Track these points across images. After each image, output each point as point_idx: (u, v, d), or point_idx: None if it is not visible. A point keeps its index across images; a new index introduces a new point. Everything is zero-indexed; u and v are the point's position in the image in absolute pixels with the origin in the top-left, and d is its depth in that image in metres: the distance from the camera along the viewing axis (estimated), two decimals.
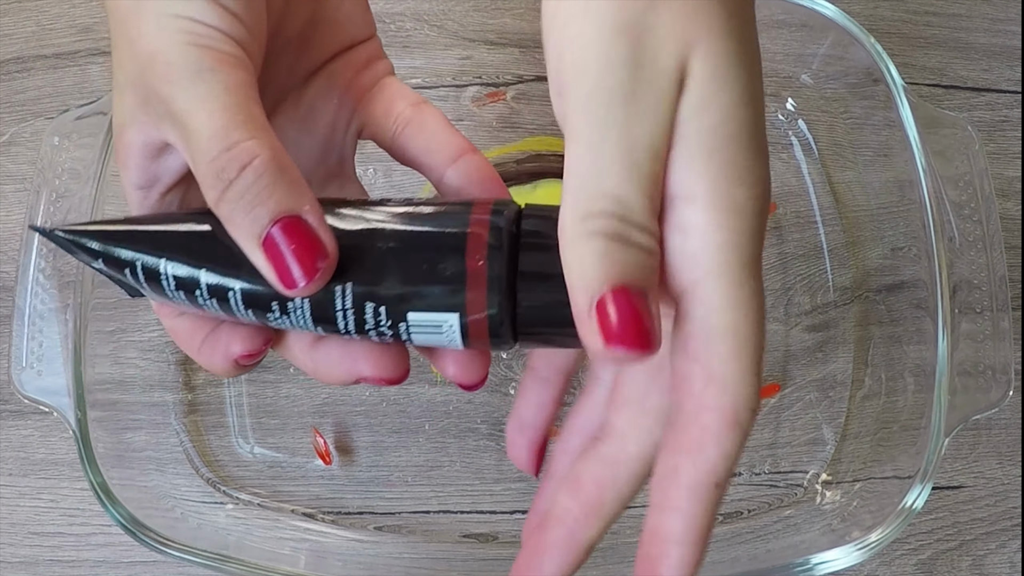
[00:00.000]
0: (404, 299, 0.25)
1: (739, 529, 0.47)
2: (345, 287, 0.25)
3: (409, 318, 0.25)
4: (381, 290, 0.25)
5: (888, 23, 0.54)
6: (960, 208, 0.45)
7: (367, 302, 0.25)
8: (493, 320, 0.25)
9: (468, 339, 0.25)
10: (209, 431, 0.49)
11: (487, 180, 0.29)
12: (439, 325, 0.25)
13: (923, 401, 0.44)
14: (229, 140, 0.23)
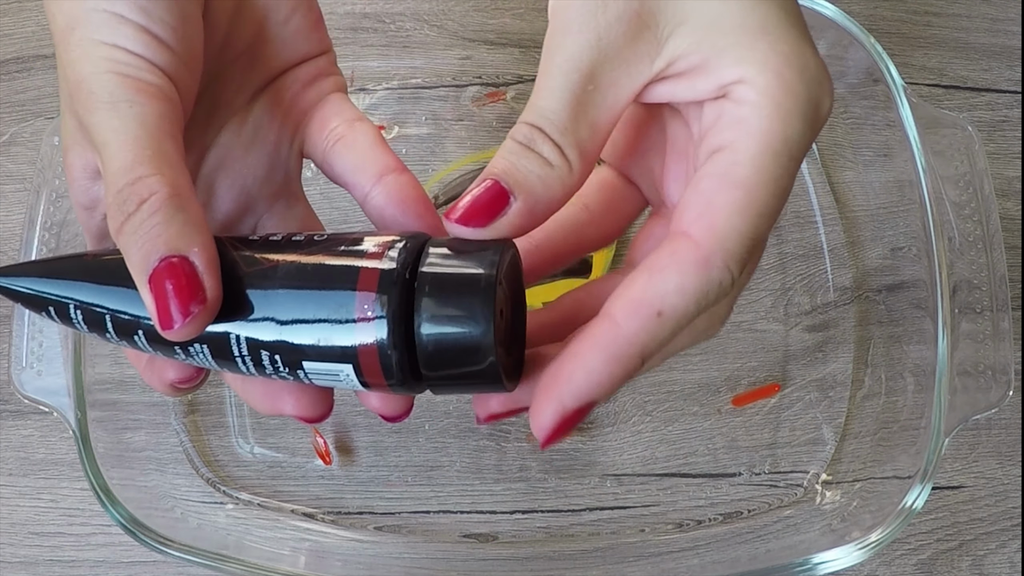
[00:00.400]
0: (297, 349, 0.25)
1: (739, 529, 0.47)
2: (239, 336, 0.25)
3: (305, 366, 0.25)
4: (273, 339, 0.25)
5: (888, 23, 0.54)
6: (960, 208, 0.45)
7: (262, 351, 0.25)
8: (389, 371, 0.24)
9: (369, 387, 0.25)
10: (209, 431, 0.49)
11: (411, 200, 0.29)
12: (336, 374, 0.25)
13: (923, 401, 0.44)
14: (133, 174, 0.23)
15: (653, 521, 0.48)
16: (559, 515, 0.48)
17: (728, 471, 0.48)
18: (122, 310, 0.26)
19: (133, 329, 0.26)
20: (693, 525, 0.48)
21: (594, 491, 0.48)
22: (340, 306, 0.24)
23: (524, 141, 0.25)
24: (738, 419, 0.49)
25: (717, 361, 0.49)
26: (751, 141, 0.23)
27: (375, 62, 0.52)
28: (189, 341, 0.25)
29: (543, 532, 0.48)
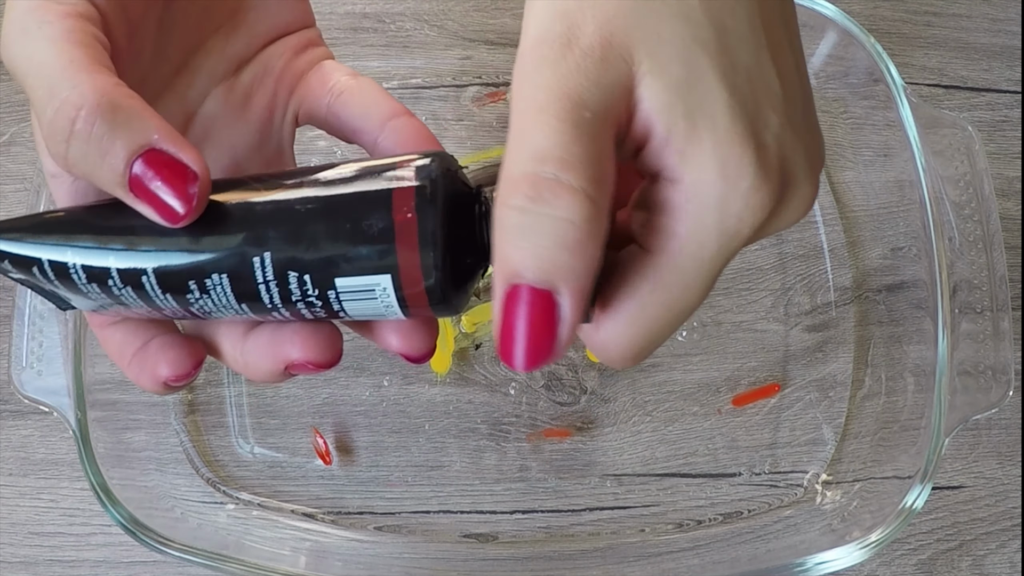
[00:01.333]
0: (329, 263, 0.22)
1: (739, 529, 0.47)
2: (264, 256, 0.23)
3: (338, 284, 0.23)
4: (303, 255, 0.23)
5: (888, 23, 0.54)
6: (960, 208, 0.45)
7: (289, 271, 0.23)
8: (429, 278, 0.22)
9: (406, 303, 0.23)
10: (209, 431, 0.49)
11: (423, 141, 0.28)
12: (371, 289, 0.23)
13: (923, 401, 0.44)
14: (55, 99, 0.22)
15: (653, 521, 0.48)
16: (559, 515, 0.48)
17: (728, 471, 0.48)
18: (127, 257, 0.23)
19: (138, 277, 0.24)
20: (693, 525, 0.48)
21: (594, 491, 0.48)
22: (376, 210, 0.22)
23: (531, 203, 0.19)
24: (738, 419, 0.49)
25: (717, 361, 0.49)
26: (665, 258, 0.21)
27: (375, 62, 0.52)
28: (206, 272, 0.23)
29: (543, 532, 0.48)
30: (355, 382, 0.49)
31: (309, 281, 0.23)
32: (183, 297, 0.24)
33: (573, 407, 0.49)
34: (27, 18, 0.23)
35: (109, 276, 0.24)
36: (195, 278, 0.23)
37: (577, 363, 0.49)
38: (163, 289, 0.24)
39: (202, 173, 0.23)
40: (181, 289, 0.24)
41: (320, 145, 0.51)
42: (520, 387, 0.49)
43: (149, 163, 0.22)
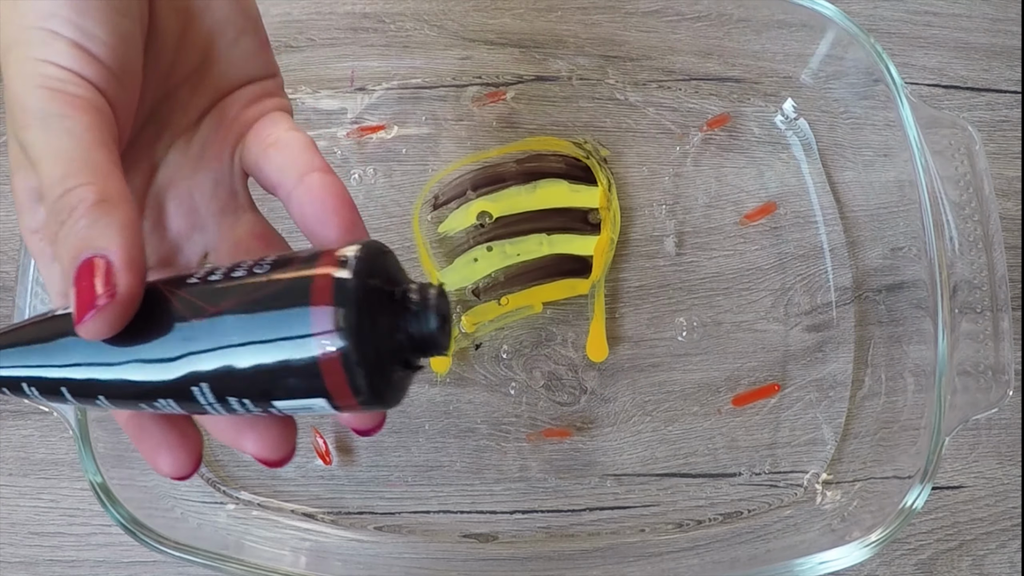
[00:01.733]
0: (265, 393, 0.24)
1: (739, 529, 0.47)
2: (202, 386, 0.24)
3: (277, 405, 0.25)
4: (239, 386, 0.24)
5: (888, 23, 0.54)
6: (960, 208, 0.45)
7: (228, 396, 0.24)
8: (361, 395, 0.24)
9: (344, 409, 0.25)
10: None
11: (333, 199, 0.29)
12: (310, 407, 0.24)
13: (923, 401, 0.44)
14: (63, 186, 0.24)
15: (653, 521, 0.48)
16: (559, 515, 0.48)
17: (728, 471, 0.48)
18: (76, 370, 0.25)
19: (91, 395, 0.25)
20: (693, 525, 0.48)
21: (594, 491, 0.48)
22: (298, 341, 0.23)
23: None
24: (738, 419, 0.49)
25: (717, 361, 0.49)
26: None
27: (375, 62, 0.52)
28: (153, 396, 0.25)
29: (543, 532, 0.48)
30: None
31: (250, 403, 0.25)
32: (138, 408, 0.26)
33: (573, 407, 0.49)
34: (48, 107, 0.24)
35: (60, 393, 0.26)
36: (144, 398, 0.25)
37: (577, 363, 0.49)
38: (114, 403, 0.26)
39: (123, 297, 0.23)
40: (132, 404, 0.26)
41: (368, 150, 0.51)
42: (520, 387, 0.49)
43: (90, 265, 0.24)
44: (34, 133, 0.24)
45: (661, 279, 0.50)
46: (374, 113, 0.52)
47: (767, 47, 0.50)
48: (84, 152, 0.24)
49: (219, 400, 0.25)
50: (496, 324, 0.49)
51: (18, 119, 0.25)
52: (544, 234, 0.50)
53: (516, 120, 0.52)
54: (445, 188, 0.51)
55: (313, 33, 0.51)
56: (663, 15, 0.51)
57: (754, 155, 0.52)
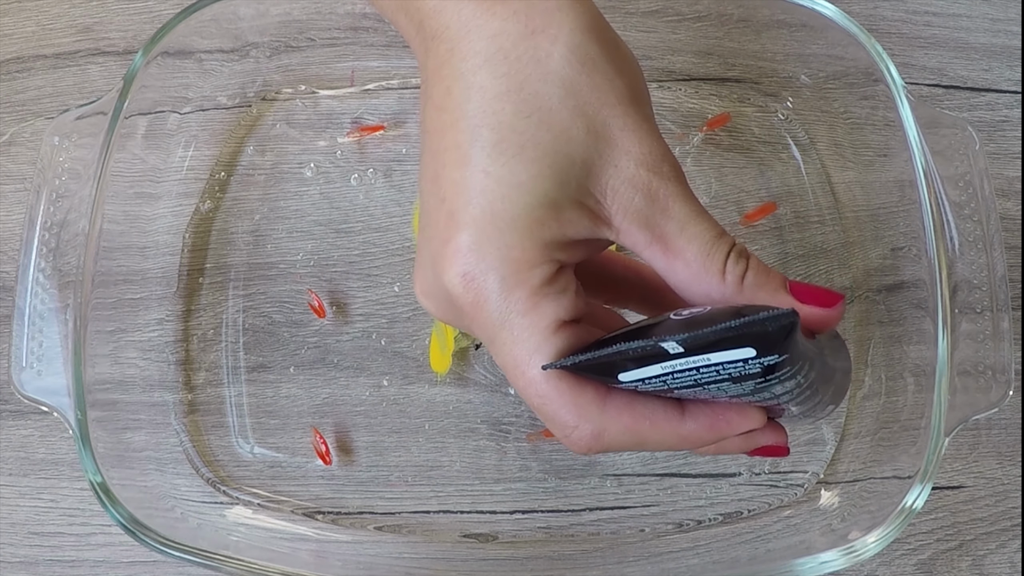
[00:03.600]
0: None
1: (739, 529, 0.47)
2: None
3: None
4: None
5: (888, 23, 0.54)
6: (960, 208, 0.45)
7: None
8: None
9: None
10: (209, 431, 0.49)
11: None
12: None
13: (923, 401, 0.44)
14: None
15: (653, 521, 0.48)
16: (559, 515, 0.48)
17: (728, 471, 0.48)
18: None
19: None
20: (693, 525, 0.48)
21: (594, 491, 0.48)
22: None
23: None
24: None
25: None
26: None
27: (375, 62, 0.52)
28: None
29: (543, 532, 0.48)
30: (355, 382, 0.49)
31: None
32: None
33: None
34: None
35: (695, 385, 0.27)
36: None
37: None
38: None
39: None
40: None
41: (367, 151, 0.51)
42: None
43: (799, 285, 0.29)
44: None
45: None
46: (374, 113, 0.52)
47: (767, 47, 0.50)
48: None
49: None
50: None
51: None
52: None
53: None
54: None
55: (313, 33, 0.51)
56: (663, 15, 0.51)
57: (754, 155, 0.52)
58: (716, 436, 0.29)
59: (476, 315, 0.27)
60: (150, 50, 0.46)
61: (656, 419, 0.28)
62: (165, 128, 0.50)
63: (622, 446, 0.28)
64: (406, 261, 0.50)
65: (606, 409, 0.28)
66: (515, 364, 0.27)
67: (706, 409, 0.29)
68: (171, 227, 0.50)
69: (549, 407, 0.27)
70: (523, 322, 0.27)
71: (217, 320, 0.50)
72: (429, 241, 0.28)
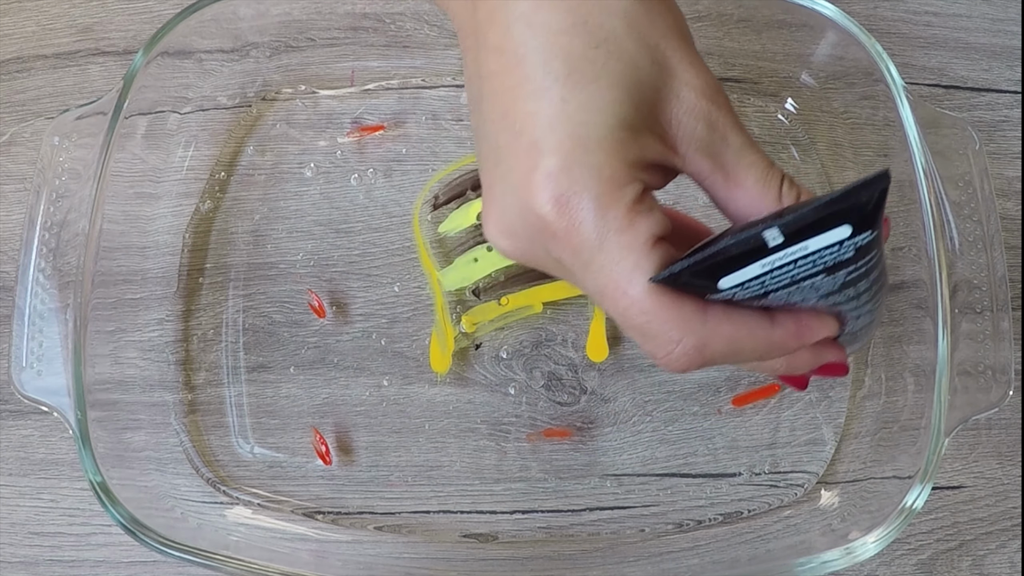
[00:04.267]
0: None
1: (739, 529, 0.47)
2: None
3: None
4: None
5: (888, 23, 0.54)
6: (960, 208, 0.45)
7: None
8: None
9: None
10: (209, 431, 0.49)
11: None
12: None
13: (923, 401, 0.44)
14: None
15: (653, 521, 0.48)
16: (559, 515, 0.48)
17: (728, 471, 0.48)
18: None
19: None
20: (693, 525, 0.48)
21: (594, 491, 0.48)
22: None
23: None
24: (738, 419, 0.49)
25: None
26: None
27: (375, 62, 0.52)
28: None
29: (543, 532, 0.48)
30: (355, 382, 0.49)
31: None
32: None
33: (573, 407, 0.49)
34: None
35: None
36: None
37: (577, 363, 0.49)
38: None
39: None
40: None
41: (367, 151, 0.51)
42: (520, 387, 0.49)
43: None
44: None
45: None
46: (374, 113, 0.52)
47: (767, 47, 0.50)
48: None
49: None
50: (496, 324, 0.49)
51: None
52: None
53: None
54: (445, 188, 0.51)
55: (313, 33, 0.51)
56: None
57: None
58: (799, 342, 0.30)
59: (569, 239, 0.27)
60: (150, 50, 0.46)
61: (752, 326, 0.29)
62: (165, 128, 0.50)
63: (721, 358, 0.28)
64: (406, 261, 0.50)
65: (707, 320, 0.28)
66: (615, 284, 0.27)
67: (791, 316, 0.29)
68: (171, 227, 0.50)
69: (653, 324, 0.27)
70: (621, 240, 0.27)
71: (217, 320, 0.50)
72: (508, 174, 0.28)
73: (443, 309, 0.49)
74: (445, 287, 0.49)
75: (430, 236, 0.50)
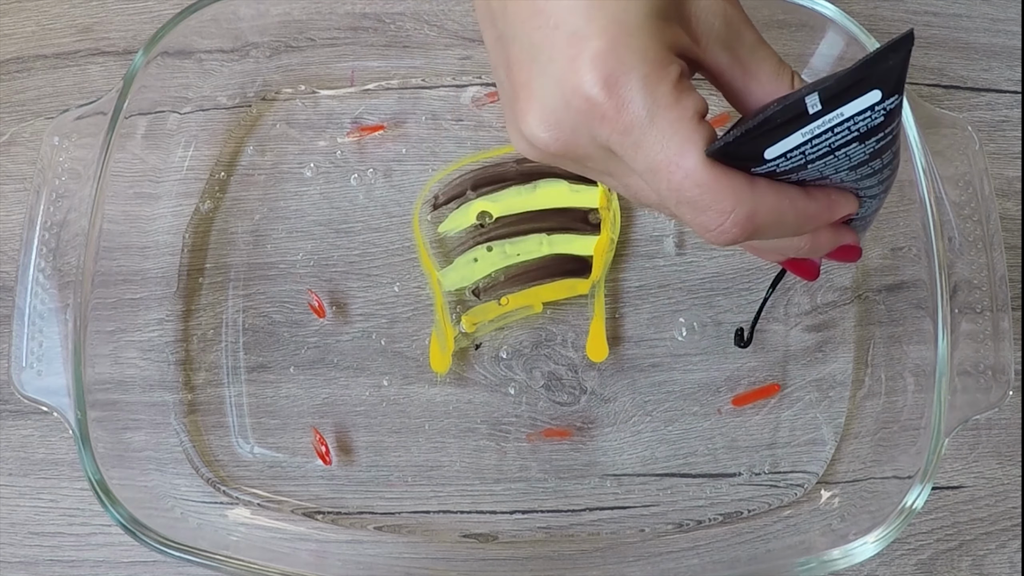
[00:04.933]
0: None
1: (739, 529, 0.47)
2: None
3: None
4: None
5: (888, 23, 0.54)
6: (960, 208, 0.45)
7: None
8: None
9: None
10: (209, 431, 0.49)
11: None
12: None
13: (923, 401, 0.44)
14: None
15: (653, 521, 0.48)
16: (559, 515, 0.48)
17: (728, 471, 0.48)
18: None
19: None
20: (693, 525, 0.48)
21: (594, 491, 0.48)
22: None
23: None
24: (738, 419, 0.49)
25: (717, 361, 0.49)
26: None
27: (375, 62, 0.52)
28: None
29: (543, 532, 0.48)
30: (355, 382, 0.49)
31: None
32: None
33: (573, 407, 0.49)
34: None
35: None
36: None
37: (577, 363, 0.49)
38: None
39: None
40: None
41: (367, 150, 0.52)
42: (520, 387, 0.49)
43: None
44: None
45: (661, 279, 0.50)
46: (374, 113, 0.52)
47: None
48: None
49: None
50: (496, 324, 0.49)
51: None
52: (544, 234, 0.50)
53: None
54: (445, 188, 0.51)
55: (313, 33, 0.51)
56: None
57: None
58: (830, 215, 0.31)
59: (620, 118, 0.28)
60: (150, 50, 0.46)
61: (793, 197, 0.30)
62: (165, 128, 0.50)
63: (766, 228, 0.30)
64: (406, 261, 0.50)
65: (756, 190, 0.29)
66: (668, 159, 0.28)
67: (822, 190, 0.31)
68: (171, 227, 0.50)
69: (707, 196, 0.28)
70: (671, 115, 0.28)
71: (217, 320, 0.50)
72: (548, 65, 0.28)
73: (443, 309, 0.49)
74: (445, 287, 0.49)
75: (430, 236, 0.50)
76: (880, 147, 0.29)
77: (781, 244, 0.33)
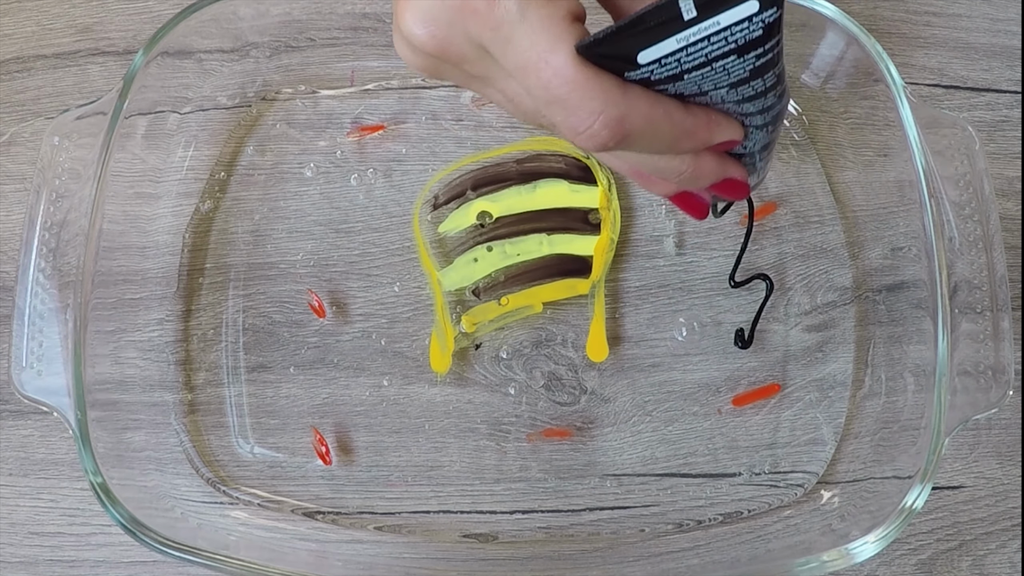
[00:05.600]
0: None
1: (739, 529, 0.47)
2: None
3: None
4: None
5: (888, 23, 0.54)
6: (960, 208, 0.45)
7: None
8: None
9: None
10: (209, 431, 0.49)
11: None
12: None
13: (923, 401, 0.44)
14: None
15: (653, 521, 0.48)
16: (559, 515, 0.48)
17: (728, 471, 0.48)
18: None
19: None
20: (693, 525, 0.48)
21: (594, 491, 0.48)
22: None
23: None
24: (738, 419, 0.49)
25: (717, 361, 0.49)
26: None
27: (375, 62, 0.52)
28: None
29: (543, 532, 0.48)
30: (355, 382, 0.49)
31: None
32: None
33: (573, 407, 0.49)
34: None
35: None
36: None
37: (577, 363, 0.49)
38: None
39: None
40: None
41: (367, 150, 0.51)
42: (520, 387, 0.49)
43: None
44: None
45: (661, 279, 0.50)
46: (374, 113, 0.52)
47: None
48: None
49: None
50: (496, 324, 0.49)
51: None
52: (544, 234, 0.50)
53: (516, 120, 0.52)
54: (445, 188, 0.51)
55: (313, 33, 0.51)
56: None
57: None
58: (709, 134, 0.31)
59: (491, 13, 0.28)
60: (150, 50, 0.46)
61: (668, 107, 0.29)
62: (165, 128, 0.50)
63: (638, 136, 0.29)
64: (406, 261, 0.50)
65: (627, 93, 0.28)
66: (538, 55, 0.28)
67: (702, 108, 0.31)
68: (171, 227, 0.50)
69: (575, 94, 0.28)
70: (542, 12, 0.28)
71: (217, 320, 0.50)
72: None
73: (443, 309, 0.49)
74: (445, 287, 0.49)
75: (430, 236, 0.50)
76: (760, 65, 0.29)
77: (662, 164, 0.32)
